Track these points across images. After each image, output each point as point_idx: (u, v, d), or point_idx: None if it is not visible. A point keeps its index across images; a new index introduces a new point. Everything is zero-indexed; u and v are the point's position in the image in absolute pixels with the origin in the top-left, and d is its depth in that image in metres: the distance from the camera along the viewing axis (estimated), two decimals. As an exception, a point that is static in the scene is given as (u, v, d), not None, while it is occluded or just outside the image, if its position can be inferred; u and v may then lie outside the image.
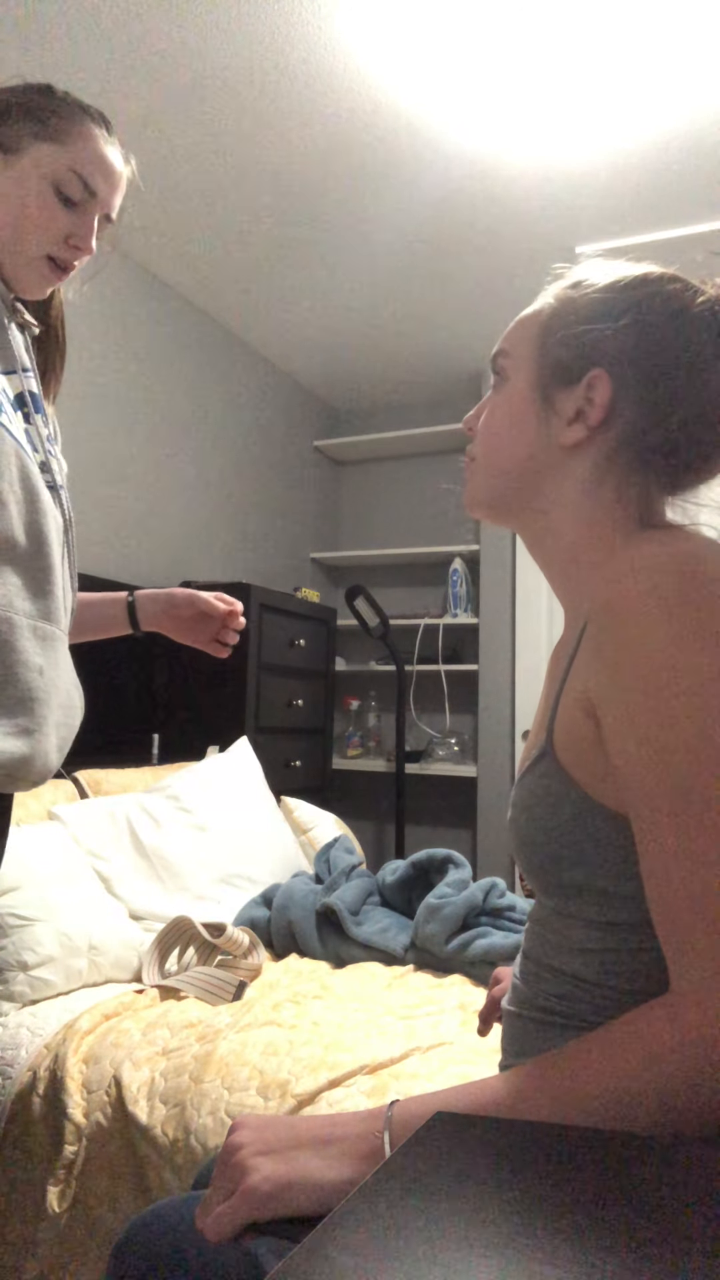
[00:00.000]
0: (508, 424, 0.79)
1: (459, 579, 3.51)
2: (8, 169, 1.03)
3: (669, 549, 0.64)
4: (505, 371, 0.80)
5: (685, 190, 2.37)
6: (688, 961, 0.57)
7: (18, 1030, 1.51)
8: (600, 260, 0.82)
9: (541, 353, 0.78)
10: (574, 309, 0.77)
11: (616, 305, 0.76)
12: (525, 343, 0.79)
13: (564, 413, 0.76)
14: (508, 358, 0.80)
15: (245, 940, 1.83)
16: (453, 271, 2.82)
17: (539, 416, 0.77)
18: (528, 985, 0.73)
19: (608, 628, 0.64)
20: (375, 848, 3.74)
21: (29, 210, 1.04)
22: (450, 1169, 0.45)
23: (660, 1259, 0.36)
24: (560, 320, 0.77)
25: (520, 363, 0.79)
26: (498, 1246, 0.38)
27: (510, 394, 0.79)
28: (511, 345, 0.80)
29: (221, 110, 2.10)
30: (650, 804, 0.60)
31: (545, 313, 0.79)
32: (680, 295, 0.77)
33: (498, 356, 0.81)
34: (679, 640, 0.60)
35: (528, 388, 0.78)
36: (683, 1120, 0.54)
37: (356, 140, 2.19)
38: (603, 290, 0.77)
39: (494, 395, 0.81)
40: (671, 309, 0.76)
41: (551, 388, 0.77)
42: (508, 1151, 0.47)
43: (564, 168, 2.28)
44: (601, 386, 0.74)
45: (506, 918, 1.88)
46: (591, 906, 0.67)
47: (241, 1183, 0.57)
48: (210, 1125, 1.25)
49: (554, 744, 0.69)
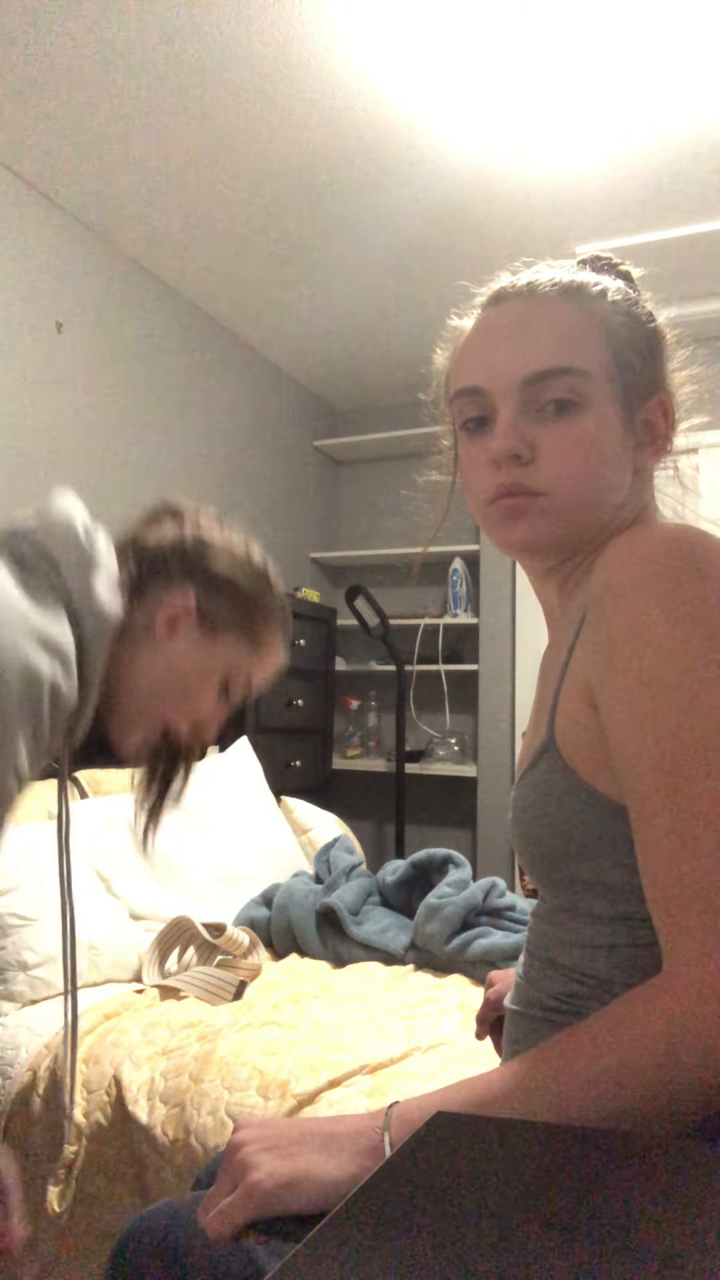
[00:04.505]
0: (606, 457, 0.72)
1: (459, 579, 3.51)
2: (197, 648, 0.98)
3: (661, 534, 0.65)
4: (580, 392, 0.71)
5: (683, 191, 2.37)
6: (678, 942, 0.57)
7: (18, 1030, 1.51)
8: (547, 264, 0.79)
9: (621, 374, 0.72)
10: (616, 318, 0.74)
11: (635, 313, 0.76)
12: (601, 363, 0.72)
13: (636, 436, 0.74)
14: (586, 380, 0.71)
15: (245, 940, 1.83)
16: (452, 271, 2.81)
17: (623, 441, 0.73)
18: (532, 984, 0.73)
19: (604, 614, 0.64)
20: (375, 848, 3.74)
21: (191, 696, 0.99)
22: (450, 1169, 0.45)
23: (660, 1258, 0.36)
24: (624, 337, 0.73)
25: (602, 386, 0.71)
26: (498, 1246, 0.38)
27: (599, 421, 0.71)
28: (587, 365, 0.71)
29: (222, 111, 2.10)
30: (644, 786, 0.60)
31: (602, 325, 0.73)
32: (629, 294, 0.78)
33: (562, 377, 0.71)
34: (673, 622, 0.60)
35: (616, 413, 0.72)
36: (676, 1103, 0.54)
37: (356, 141, 2.19)
38: (618, 299, 0.76)
39: (567, 420, 0.71)
40: (637, 303, 0.78)
41: (630, 413, 0.73)
42: (508, 1151, 0.47)
43: (563, 168, 2.28)
44: (664, 406, 0.76)
45: (506, 917, 1.88)
46: (598, 901, 0.67)
47: (245, 1179, 0.57)
48: (210, 1125, 1.25)
49: (556, 737, 0.69)
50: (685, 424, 0.81)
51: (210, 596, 0.98)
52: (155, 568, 0.98)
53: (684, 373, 0.80)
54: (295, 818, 2.57)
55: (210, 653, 0.99)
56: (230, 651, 1.00)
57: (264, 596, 1.02)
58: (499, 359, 0.73)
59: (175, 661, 0.97)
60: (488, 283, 0.80)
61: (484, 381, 0.74)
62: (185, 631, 0.97)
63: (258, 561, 1.04)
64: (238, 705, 1.05)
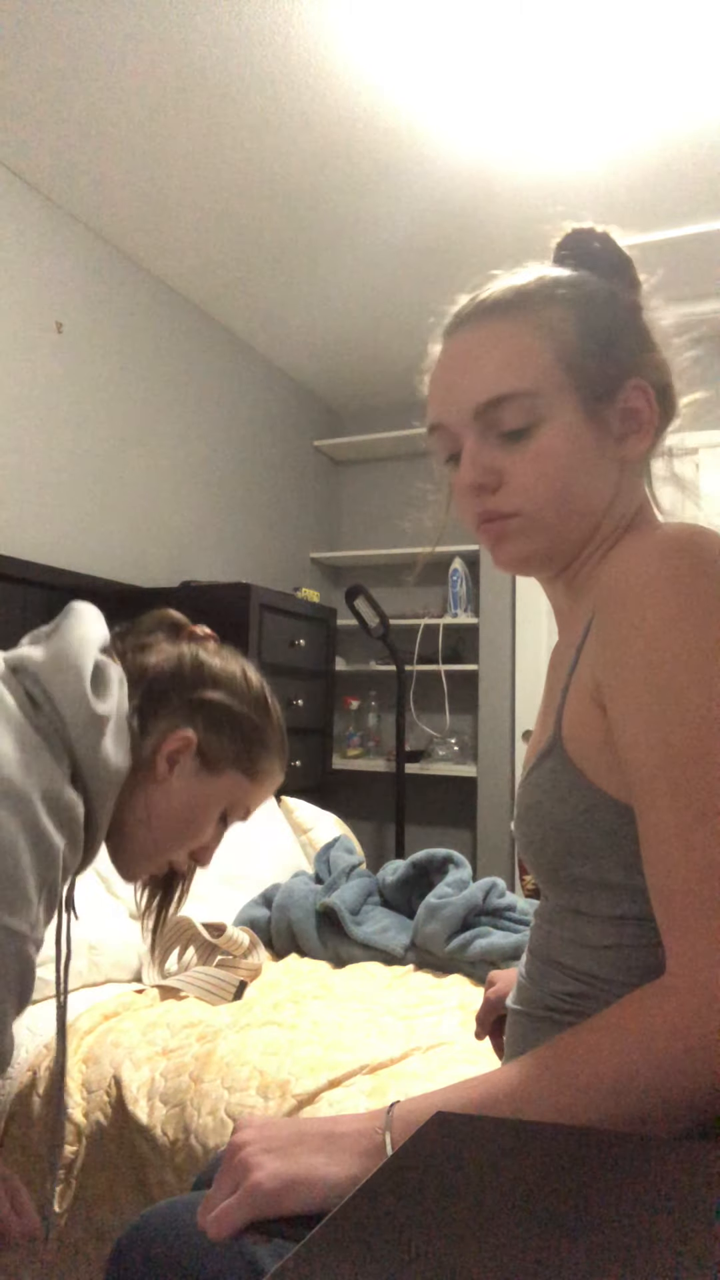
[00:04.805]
0: (574, 465, 0.72)
1: (459, 579, 3.51)
2: (198, 782, 0.97)
3: (667, 535, 0.65)
4: (533, 411, 0.71)
5: (683, 191, 2.37)
6: (681, 943, 0.57)
7: (17, 1030, 1.51)
8: (507, 272, 0.79)
9: (576, 379, 0.72)
10: (573, 321, 0.73)
11: (596, 300, 0.75)
12: (548, 376, 0.71)
13: (614, 430, 0.73)
14: (534, 399, 0.71)
15: (245, 940, 1.83)
16: (452, 271, 2.81)
17: (596, 444, 0.72)
18: (534, 983, 0.73)
19: (612, 613, 0.64)
20: (375, 848, 3.73)
21: (192, 828, 0.98)
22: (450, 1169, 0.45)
23: (660, 1259, 0.36)
24: (574, 338, 0.72)
25: (555, 398, 0.71)
26: (497, 1246, 0.38)
27: (559, 432, 0.71)
28: (531, 384, 0.71)
29: (222, 111, 2.10)
30: (650, 787, 0.60)
31: (549, 333, 0.72)
32: (586, 282, 0.77)
33: (508, 402, 0.71)
34: (681, 620, 0.60)
35: (578, 420, 0.72)
36: (678, 1105, 0.54)
37: (357, 142, 2.19)
38: (568, 295, 0.74)
39: (526, 441, 0.72)
40: (606, 290, 0.76)
41: (600, 409, 0.72)
42: (508, 1151, 0.47)
43: (563, 168, 2.28)
44: (642, 388, 0.74)
45: (506, 917, 1.88)
46: (602, 901, 0.67)
47: (245, 1180, 0.57)
48: (210, 1125, 1.25)
49: (562, 736, 0.69)
50: (688, 398, 0.78)
51: (210, 732, 0.97)
52: (156, 700, 0.96)
53: (679, 340, 0.78)
54: (295, 818, 2.56)
55: (211, 787, 0.98)
56: (230, 784, 0.99)
57: (263, 727, 1.01)
58: (451, 395, 0.75)
59: (175, 798, 0.96)
60: (452, 303, 0.80)
61: (443, 418, 0.76)
62: (186, 767, 0.96)
63: (256, 688, 1.02)
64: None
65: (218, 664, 1.01)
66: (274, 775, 1.03)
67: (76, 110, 2.10)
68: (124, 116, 2.12)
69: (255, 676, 1.04)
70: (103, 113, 2.11)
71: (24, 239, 2.37)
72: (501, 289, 0.76)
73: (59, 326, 2.47)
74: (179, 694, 0.97)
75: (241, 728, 0.99)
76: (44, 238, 2.43)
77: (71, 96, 2.05)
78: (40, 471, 2.40)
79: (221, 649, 1.04)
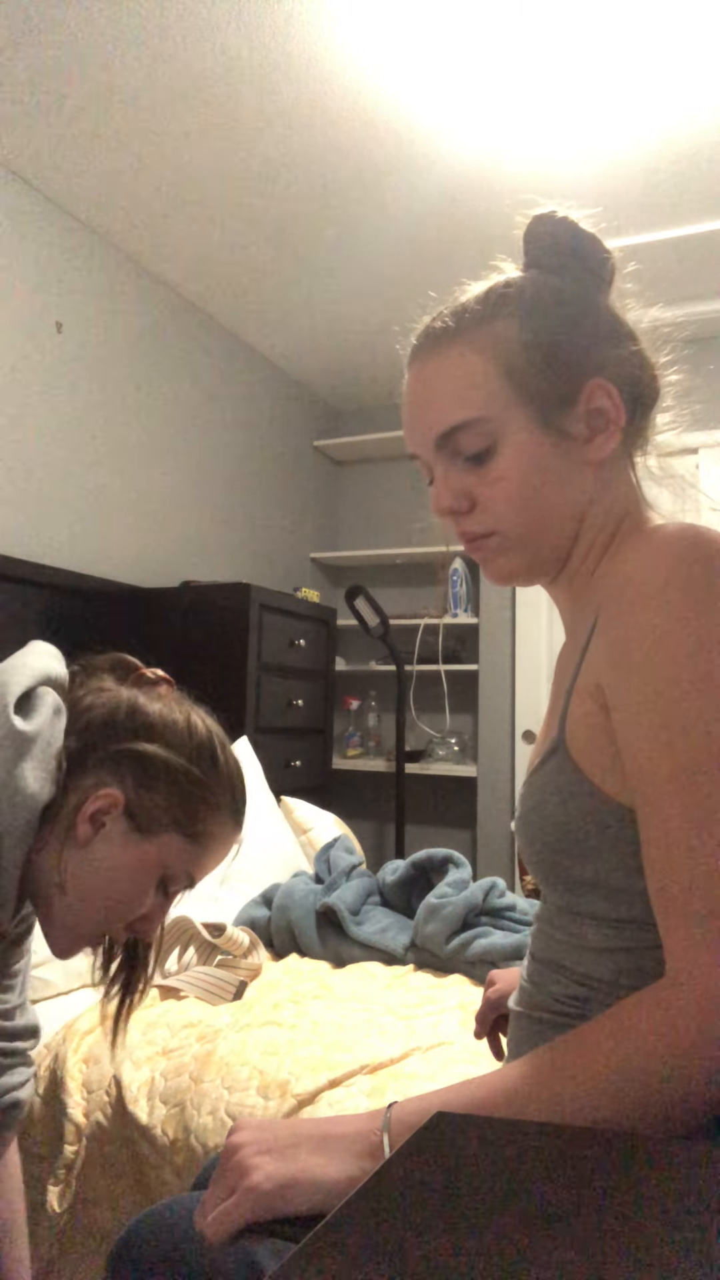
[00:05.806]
0: (538, 480, 0.72)
1: (459, 579, 3.51)
2: (128, 846, 0.85)
3: (670, 534, 0.65)
4: (486, 433, 0.72)
5: (683, 191, 2.37)
6: (682, 946, 0.57)
7: (18, 1030, 1.51)
8: (466, 287, 0.80)
9: (527, 395, 0.72)
10: (518, 332, 0.72)
11: (541, 303, 0.75)
12: (497, 398, 0.72)
13: (579, 434, 0.73)
14: (486, 423, 0.72)
15: (245, 940, 1.83)
16: (453, 271, 2.81)
17: (560, 453, 0.72)
18: (535, 986, 0.73)
19: (617, 614, 0.64)
20: (375, 848, 3.73)
21: (124, 898, 0.86)
22: (450, 1169, 0.45)
23: (660, 1259, 0.36)
24: (519, 351, 0.72)
25: (507, 419, 0.72)
26: (498, 1246, 0.38)
27: (516, 451, 0.72)
28: (480, 410, 0.72)
29: (223, 111, 2.09)
30: (653, 790, 0.60)
31: (493, 352, 0.72)
32: (546, 282, 0.78)
33: (462, 430, 0.72)
34: (683, 624, 0.60)
35: (534, 436, 0.72)
36: (676, 1108, 0.54)
37: (357, 142, 2.19)
38: (513, 306, 0.74)
39: (486, 464, 0.73)
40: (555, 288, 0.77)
41: (558, 418, 0.72)
42: (508, 1151, 0.47)
43: (562, 168, 2.28)
44: (604, 387, 0.73)
45: (506, 917, 1.88)
46: (602, 903, 0.67)
47: (243, 1182, 0.57)
48: (210, 1125, 1.25)
49: (566, 737, 0.69)
50: (672, 369, 0.78)
51: (142, 789, 0.86)
52: (84, 750, 0.86)
53: (646, 325, 0.78)
54: (295, 818, 2.56)
55: (143, 851, 0.85)
56: (166, 847, 0.87)
57: (209, 783, 0.89)
58: (414, 428, 0.78)
59: (99, 864, 0.84)
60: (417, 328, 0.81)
61: (413, 448, 0.79)
62: (113, 829, 0.85)
63: (201, 737, 0.91)
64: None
65: (156, 710, 0.89)
66: (223, 837, 0.91)
67: (76, 110, 2.10)
68: (124, 117, 2.12)
69: (204, 725, 0.92)
70: (103, 113, 2.11)
71: (24, 239, 2.37)
72: (450, 311, 0.77)
73: (59, 326, 2.47)
74: (106, 745, 0.86)
75: (179, 783, 0.87)
76: (44, 238, 2.43)
77: (72, 97, 2.05)
78: (40, 472, 2.40)
79: (170, 694, 0.94)
